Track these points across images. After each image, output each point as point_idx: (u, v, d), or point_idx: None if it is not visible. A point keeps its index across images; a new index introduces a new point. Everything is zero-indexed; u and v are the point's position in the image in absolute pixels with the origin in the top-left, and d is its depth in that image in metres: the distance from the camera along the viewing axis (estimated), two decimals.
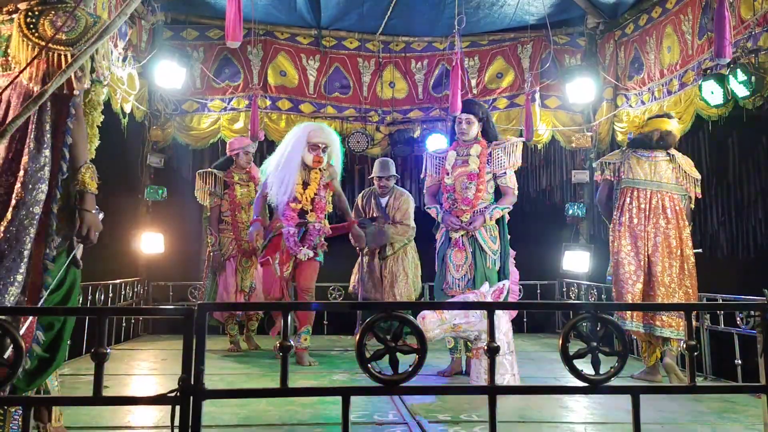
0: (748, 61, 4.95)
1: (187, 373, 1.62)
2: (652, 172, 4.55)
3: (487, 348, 1.72)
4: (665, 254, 4.38)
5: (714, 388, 2.44)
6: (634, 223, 4.47)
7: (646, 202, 4.50)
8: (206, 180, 5.83)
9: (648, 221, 4.45)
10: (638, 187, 4.54)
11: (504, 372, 3.94)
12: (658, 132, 4.62)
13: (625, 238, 4.46)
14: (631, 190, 4.54)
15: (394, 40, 8.00)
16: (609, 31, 7.33)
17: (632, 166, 4.58)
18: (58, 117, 2.37)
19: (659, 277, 4.34)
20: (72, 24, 2.38)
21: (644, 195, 4.52)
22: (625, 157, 4.67)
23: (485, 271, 4.42)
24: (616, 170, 4.67)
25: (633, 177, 4.58)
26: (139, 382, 4.32)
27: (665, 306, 3.82)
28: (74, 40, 2.37)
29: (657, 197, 4.50)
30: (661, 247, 4.39)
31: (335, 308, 3.33)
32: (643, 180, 4.55)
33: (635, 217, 4.48)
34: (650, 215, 4.46)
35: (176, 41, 7.44)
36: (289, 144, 4.97)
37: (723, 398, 3.64)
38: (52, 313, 2.28)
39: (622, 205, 4.56)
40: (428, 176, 4.74)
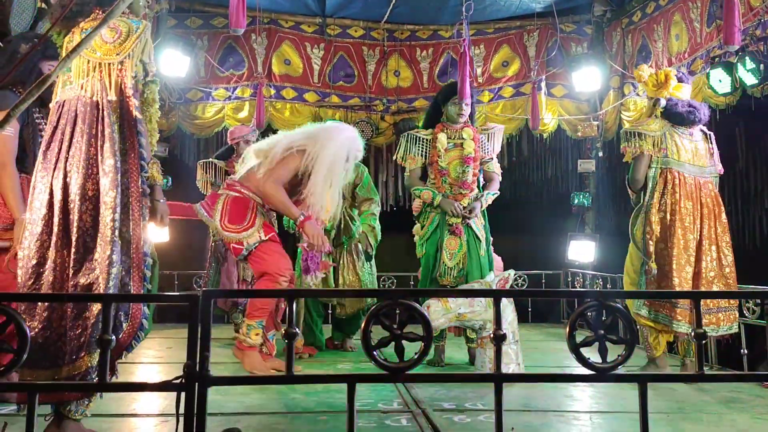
0: (756, 48, 4.91)
1: (192, 360, 1.62)
2: (693, 154, 4.11)
3: (493, 335, 1.71)
4: (713, 248, 4.03)
5: (721, 377, 2.43)
6: (682, 213, 3.99)
7: (694, 189, 4.05)
8: (207, 170, 5.80)
9: (695, 210, 4.02)
10: (682, 171, 4.05)
11: (509, 361, 3.93)
12: (688, 102, 4.17)
13: (675, 229, 3.96)
14: (675, 173, 4.04)
15: (399, 29, 7.96)
16: (616, 18, 7.27)
17: (676, 144, 4.08)
18: (123, 122, 2.61)
19: (704, 273, 3.98)
20: (116, 35, 2.61)
21: (692, 181, 4.06)
22: (665, 130, 4.12)
23: (480, 260, 4.41)
24: (657, 144, 4.09)
25: (679, 158, 4.07)
26: (145, 369, 4.33)
27: (672, 294, 3.77)
28: (119, 49, 2.61)
29: (700, 183, 4.09)
30: (706, 238, 4.01)
31: (341, 295, 3.36)
32: (687, 163, 4.08)
33: (683, 205, 4.00)
34: (696, 204, 4.03)
35: (180, 30, 7.40)
36: (340, 158, 4.10)
37: (729, 388, 3.63)
38: (51, 299, 2.33)
39: (670, 189, 4.03)
40: (410, 158, 4.59)
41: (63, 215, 2.50)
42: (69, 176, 2.52)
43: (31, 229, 2.51)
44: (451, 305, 4.05)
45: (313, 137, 4.06)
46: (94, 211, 2.50)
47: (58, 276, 2.45)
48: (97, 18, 2.61)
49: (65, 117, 2.58)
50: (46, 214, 2.50)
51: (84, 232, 2.47)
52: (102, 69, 2.58)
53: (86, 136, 2.53)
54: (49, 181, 2.53)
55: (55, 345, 2.40)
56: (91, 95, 2.57)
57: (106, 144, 2.53)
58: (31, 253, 2.48)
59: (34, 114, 3.24)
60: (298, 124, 7.64)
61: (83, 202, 2.49)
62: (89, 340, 2.38)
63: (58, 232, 2.48)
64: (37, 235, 2.49)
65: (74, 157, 2.53)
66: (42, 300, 2.38)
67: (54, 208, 2.50)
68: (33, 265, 2.46)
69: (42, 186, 2.54)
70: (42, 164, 2.57)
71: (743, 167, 9.19)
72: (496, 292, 1.80)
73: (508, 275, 4.22)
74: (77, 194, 2.49)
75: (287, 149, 4.00)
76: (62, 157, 2.53)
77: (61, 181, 2.51)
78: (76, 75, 2.60)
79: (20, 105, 1.81)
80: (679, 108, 4.10)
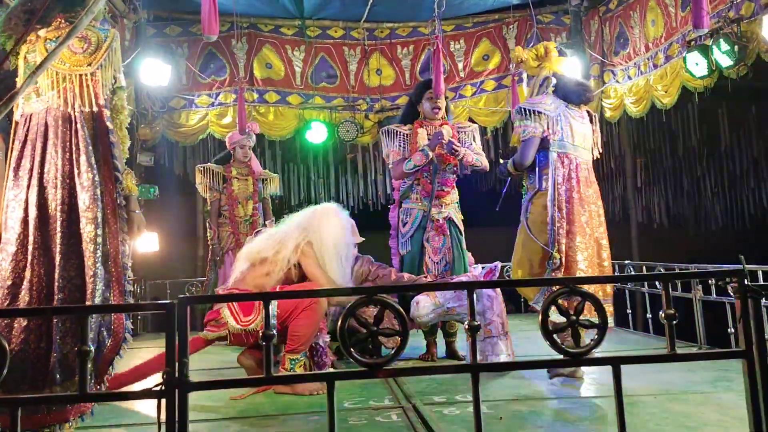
0: (730, 30, 4.95)
1: (171, 367, 1.64)
2: (583, 136, 3.79)
3: (468, 327, 1.73)
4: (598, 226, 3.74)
5: (694, 356, 2.47)
6: (584, 198, 3.68)
7: (588, 173, 3.78)
8: (205, 174, 5.90)
9: (589, 197, 3.72)
10: (576, 155, 3.73)
11: (499, 352, 3.96)
12: (575, 79, 3.92)
13: (578, 217, 3.63)
14: (573, 158, 3.71)
15: (379, 27, 7.98)
16: (593, 7, 7.31)
17: (571, 126, 3.72)
18: (97, 133, 2.58)
19: (601, 252, 3.72)
20: (85, 44, 2.58)
21: (585, 166, 3.77)
22: (560, 111, 3.74)
23: (462, 254, 4.43)
24: (552, 125, 3.70)
25: (573, 141, 3.73)
26: None
27: (639, 276, 3.75)
28: (91, 59, 2.58)
29: (588, 167, 3.82)
30: (594, 219, 3.72)
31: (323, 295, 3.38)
32: (580, 147, 3.76)
33: (582, 191, 3.69)
34: (587, 189, 3.73)
35: (160, 38, 7.41)
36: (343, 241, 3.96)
37: (716, 367, 3.67)
38: (37, 313, 2.32)
39: (567, 175, 3.67)
40: (393, 152, 4.54)
41: (40, 233, 2.45)
42: (46, 192, 2.47)
43: (5, 249, 2.46)
44: (440, 300, 4.08)
45: (307, 225, 3.91)
46: (75, 226, 2.47)
47: (35, 296, 2.40)
48: (60, 27, 2.57)
49: (34, 131, 2.53)
50: (21, 233, 2.44)
51: (68, 249, 2.44)
52: (72, 80, 2.55)
53: (60, 150, 2.49)
54: (23, 198, 2.47)
55: (34, 367, 2.35)
56: (63, 107, 2.53)
57: (82, 157, 2.50)
58: (5, 273, 2.42)
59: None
60: (282, 127, 7.69)
61: (63, 218, 2.45)
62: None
63: (34, 250, 2.43)
64: (12, 254, 2.43)
65: (49, 172, 2.48)
66: (17, 315, 2.33)
67: (29, 226, 2.45)
68: (8, 286, 2.41)
69: (15, 204, 2.48)
70: (14, 181, 2.51)
71: (727, 148, 9.27)
72: (471, 284, 1.83)
73: (494, 267, 4.25)
74: (57, 209, 2.45)
75: (297, 246, 3.82)
76: (35, 172, 2.48)
77: (35, 197, 2.46)
78: (45, 87, 2.55)
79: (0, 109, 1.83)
80: (572, 85, 3.82)
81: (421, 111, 4.58)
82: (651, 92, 6.27)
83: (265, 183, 6.12)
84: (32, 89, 2.59)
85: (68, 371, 2.38)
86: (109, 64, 2.60)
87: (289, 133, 7.83)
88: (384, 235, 5.10)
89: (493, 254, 5.06)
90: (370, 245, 5.19)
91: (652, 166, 9.47)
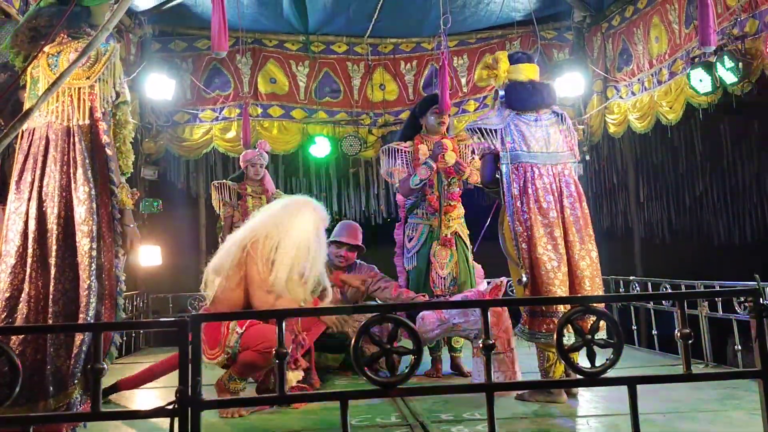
0: (735, 47, 4.97)
1: (184, 385, 1.63)
2: (545, 141, 3.60)
3: (482, 346, 1.72)
4: (578, 240, 3.51)
5: (710, 375, 2.45)
6: (544, 208, 3.48)
7: (553, 179, 3.55)
8: (220, 191, 5.90)
9: (557, 203, 3.52)
10: (536, 163, 3.54)
11: (505, 369, 3.94)
12: (530, 83, 3.71)
13: (537, 228, 3.46)
14: (529, 167, 3.54)
15: (383, 42, 8.02)
16: (596, 24, 7.35)
17: (523, 134, 3.58)
18: (93, 146, 2.57)
19: (577, 271, 3.48)
20: (84, 58, 2.49)
21: (548, 172, 3.56)
22: (508, 120, 3.62)
23: (469, 269, 4.42)
24: (500, 138, 3.59)
25: (529, 149, 3.56)
26: (140, 396, 4.30)
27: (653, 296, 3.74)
28: (89, 72, 2.58)
29: (558, 171, 3.59)
30: (572, 231, 3.50)
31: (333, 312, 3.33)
32: (540, 153, 3.57)
33: (543, 199, 3.49)
34: (557, 195, 3.53)
35: (165, 53, 7.44)
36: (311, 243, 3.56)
37: (724, 385, 3.65)
38: (47, 330, 2.31)
39: (523, 186, 3.52)
40: (396, 170, 4.53)
41: (38, 245, 2.45)
42: (44, 205, 2.47)
43: (4, 261, 2.45)
44: (446, 315, 4.06)
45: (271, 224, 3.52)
46: (71, 240, 2.46)
47: (32, 309, 2.39)
48: (62, 42, 2.58)
49: (36, 145, 2.54)
50: (20, 245, 2.44)
51: (63, 262, 2.43)
52: (72, 93, 2.55)
53: (59, 164, 2.49)
54: (24, 210, 2.47)
55: (31, 380, 2.34)
56: (62, 121, 2.54)
57: (79, 170, 2.49)
58: (4, 285, 2.42)
59: (14, 145, 3.23)
60: (286, 141, 7.70)
61: (60, 231, 2.45)
62: (72, 371, 2.34)
63: (33, 263, 2.43)
64: (11, 267, 2.43)
65: (48, 186, 2.49)
66: (32, 332, 2.34)
67: (28, 239, 2.45)
68: (6, 299, 2.40)
69: (16, 216, 2.48)
70: (15, 194, 2.52)
71: (730, 164, 9.28)
72: (485, 302, 1.82)
73: (500, 282, 4.23)
74: (54, 223, 2.45)
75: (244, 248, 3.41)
76: (36, 186, 2.49)
77: (35, 210, 2.46)
78: (46, 102, 2.53)
79: (3, 139, 1.83)
80: (522, 91, 3.65)
81: (424, 125, 4.59)
82: (655, 108, 6.29)
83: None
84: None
85: (60, 384, 2.37)
86: (108, 77, 2.60)
87: (293, 148, 7.85)
88: (385, 250, 5.10)
89: (500, 268, 5.04)
90: (372, 259, 5.18)
91: (654, 181, 9.48)
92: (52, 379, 2.36)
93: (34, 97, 2.60)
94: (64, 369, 2.36)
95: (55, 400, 2.36)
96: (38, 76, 2.63)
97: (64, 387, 2.36)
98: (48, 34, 2.59)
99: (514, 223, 3.52)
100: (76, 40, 2.63)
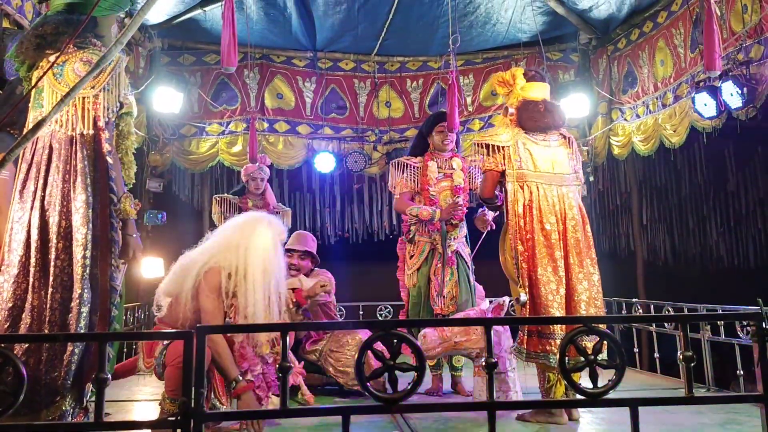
0: (739, 73, 5.00)
1: (187, 396, 1.63)
2: (552, 162, 3.60)
3: (485, 364, 1.73)
4: (578, 263, 3.48)
5: (712, 399, 2.44)
6: (547, 229, 3.47)
7: (557, 200, 3.54)
8: (221, 205, 5.90)
9: (559, 224, 3.51)
10: (541, 183, 3.54)
11: (507, 389, 3.93)
12: (543, 103, 3.67)
13: (539, 249, 3.45)
14: (534, 186, 3.53)
15: (389, 60, 8.08)
16: (601, 46, 7.40)
17: (531, 153, 3.58)
18: (96, 155, 2.55)
19: (575, 295, 3.45)
20: (89, 67, 2.51)
21: (553, 193, 3.54)
22: (517, 138, 3.62)
23: (470, 287, 4.42)
24: (509, 156, 3.57)
25: (535, 169, 3.56)
26: (142, 407, 4.30)
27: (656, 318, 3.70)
28: (94, 82, 2.56)
29: (563, 193, 3.57)
30: (573, 254, 3.49)
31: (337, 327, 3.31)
32: (546, 173, 3.57)
33: (546, 220, 3.48)
34: (560, 217, 3.52)
35: (173, 67, 7.51)
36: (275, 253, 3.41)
37: (726, 409, 3.63)
38: (51, 339, 2.31)
39: (527, 206, 3.51)
40: (402, 183, 4.52)
41: (41, 254, 2.44)
42: (47, 214, 2.47)
43: (7, 271, 2.45)
44: (447, 334, 4.06)
45: (230, 249, 3.29)
46: (69, 249, 2.46)
47: (35, 318, 2.39)
48: (68, 52, 2.58)
49: (39, 154, 2.54)
50: (23, 255, 2.44)
51: (61, 271, 2.43)
52: (76, 103, 2.53)
53: (61, 173, 2.49)
54: (26, 219, 2.47)
55: (33, 390, 2.34)
56: (66, 130, 2.54)
57: (78, 179, 2.49)
58: (7, 295, 2.41)
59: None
60: (291, 156, 7.74)
61: (59, 240, 2.45)
62: (64, 383, 2.33)
63: (35, 272, 2.43)
64: (14, 276, 2.43)
65: (51, 195, 2.49)
66: (37, 340, 2.35)
67: (31, 248, 2.45)
68: (9, 308, 2.40)
69: (19, 226, 2.48)
70: (19, 203, 2.52)
71: (733, 189, 9.29)
72: (488, 320, 1.83)
73: (502, 302, 4.23)
74: (54, 232, 2.45)
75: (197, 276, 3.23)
76: (38, 195, 2.49)
77: (38, 219, 2.46)
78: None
79: (16, 148, 1.85)
80: (529, 111, 3.63)
81: (431, 143, 4.61)
82: (659, 131, 6.31)
83: (279, 216, 6.12)
84: (39, 113, 2.59)
85: (54, 394, 2.37)
86: (113, 87, 2.59)
87: (298, 163, 7.88)
88: (388, 266, 5.10)
89: (501, 287, 5.04)
90: (374, 275, 5.19)
91: (657, 204, 9.49)
92: (46, 389, 2.36)
93: (38, 105, 2.60)
94: (58, 380, 2.36)
95: (48, 411, 2.35)
96: (42, 85, 2.63)
97: (56, 398, 2.36)
98: (54, 41, 2.59)
99: (516, 241, 3.50)
100: (82, 49, 2.64)
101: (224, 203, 5.89)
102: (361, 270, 8.35)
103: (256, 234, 3.33)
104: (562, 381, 3.39)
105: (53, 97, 2.54)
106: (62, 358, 2.36)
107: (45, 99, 2.57)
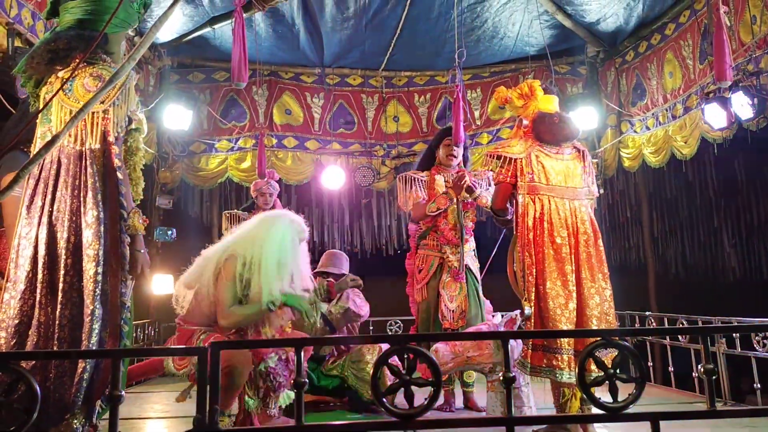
0: (750, 83, 4.98)
1: (201, 413, 1.61)
2: (565, 175, 3.55)
3: (503, 378, 1.70)
4: (589, 278, 3.40)
5: (735, 413, 2.40)
6: (557, 243, 3.40)
7: (569, 214, 3.48)
8: (231, 221, 5.91)
9: (571, 238, 3.44)
10: (553, 196, 3.49)
11: (521, 404, 3.88)
12: (558, 115, 3.62)
13: (549, 262, 3.38)
14: (546, 199, 3.48)
15: (397, 75, 8.11)
16: (609, 58, 7.40)
17: (543, 166, 3.53)
18: (105, 170, 2.55)
19: (586, 310, 3.36)
20: (99, 83, 2.53)
21: (565, 206, 3.49)
22: (530, 150, 3.57)
23: (479, 302, 4.38)
24: (521, 168, 3.53)
25: (548, 182, 3.51)
26: (153, 425, 4.28)
27: (673, 330, 3.67)
28: (104, 97, 2.51)
29: (575, 207, 3.52)
30: (585, 269, 3.41)
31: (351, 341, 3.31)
32: (558, 186, 3.51)
33: (557, 234, 3.41)
34: (572, 231, 3.45)
35: (183, 84, 7.56)
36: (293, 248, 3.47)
37: (743, 423, 3.57)
38: (64, 357, 2.29)
39: (538, 219, 3.45)
40: (413, 195, 4.49)
41: (48, 271, 2.43)
42: (55, 229, 2.45)
43: (14, 287, 2.43)
44: (459, 349, 4.02)
45: (247, 239, 3.39)
46: (79, 265, 2.44)
47: (42, 336, 2.37)
48: (78, 67, 2.57)
49: (47, 169, 2.53)
50: (30, 271, 2.42)
51: (70, 287, 2.41)
52: (85, 117, 2.51)
53: (70, 188, 2.48)
54: (33, 235, 2.46)
55: (41, 408, 2.31)
56: (75, 145, 2.53)
57: (89, 194, 2.48)
58: (14, 312, 2.39)
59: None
60: (299, 171, 7.76)
61: (68, 256, 2.43)
62: (75, 400, 2.31)
63: (42, 289, 2.41)
64: (21, 293, 2.41)
65: (59, 210, 2.47)
66: (49, 358, 2.32)
67: (38, 264, 2.43)
68: (15, 324, 2.38)
69: (26, 242, 2.46)
70: (26, 219, 2.50)
71: (745, 200, 9.24)
72: (504, 334, 1.80)
73: (515, 316, 4.19)
74: (63, 248, 2.43)
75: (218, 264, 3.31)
76: (46, 210, 2.47)
77: (45, 235, 2.44)
78: (59, 126, 2.51)
79: (29, 166, 1.85)
80: (546, 123, 3.60)
81: (438, 157, 4.62)
82: (670, 143, 6.29)
83: None
84: (47, 129, 2.58)
85: (64, 412, 2.33)
86: (122, 103, 2.58)
87: (306, 178, 7.90)
88: (397, 281, 5.08)
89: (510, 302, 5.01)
90: (382, 290, 5.17)
91: (668, 216, 9.43)
92: (55, 407, 2.33)
93: (46, 121, 2.59)
94: (67, 397, 2.33)
95: (57, 429, 2.32)
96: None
97: (66, 415, 2.33)
98: (65, 57, 2.59)
99: (524, 254, 3.44)
100: (92, 65, 2.63)
101: (234, 219, 5.91)
102: (370, 285, 8.30)
103: (275, 227, 3.40)
104: (577, 396, 3.35)
105: (62, 112, 2.54)
106: (73, 375, 2.34)
107: (53, 114, 2.56)
